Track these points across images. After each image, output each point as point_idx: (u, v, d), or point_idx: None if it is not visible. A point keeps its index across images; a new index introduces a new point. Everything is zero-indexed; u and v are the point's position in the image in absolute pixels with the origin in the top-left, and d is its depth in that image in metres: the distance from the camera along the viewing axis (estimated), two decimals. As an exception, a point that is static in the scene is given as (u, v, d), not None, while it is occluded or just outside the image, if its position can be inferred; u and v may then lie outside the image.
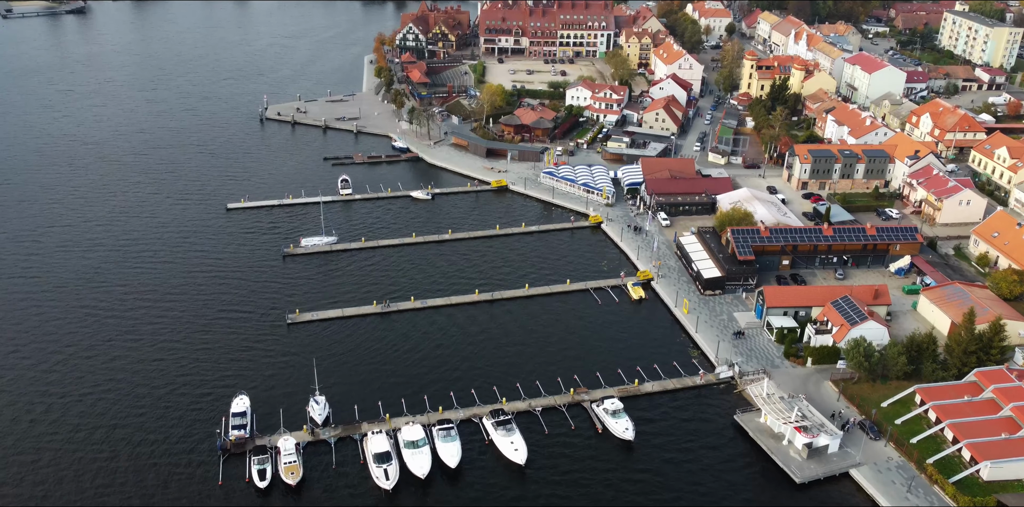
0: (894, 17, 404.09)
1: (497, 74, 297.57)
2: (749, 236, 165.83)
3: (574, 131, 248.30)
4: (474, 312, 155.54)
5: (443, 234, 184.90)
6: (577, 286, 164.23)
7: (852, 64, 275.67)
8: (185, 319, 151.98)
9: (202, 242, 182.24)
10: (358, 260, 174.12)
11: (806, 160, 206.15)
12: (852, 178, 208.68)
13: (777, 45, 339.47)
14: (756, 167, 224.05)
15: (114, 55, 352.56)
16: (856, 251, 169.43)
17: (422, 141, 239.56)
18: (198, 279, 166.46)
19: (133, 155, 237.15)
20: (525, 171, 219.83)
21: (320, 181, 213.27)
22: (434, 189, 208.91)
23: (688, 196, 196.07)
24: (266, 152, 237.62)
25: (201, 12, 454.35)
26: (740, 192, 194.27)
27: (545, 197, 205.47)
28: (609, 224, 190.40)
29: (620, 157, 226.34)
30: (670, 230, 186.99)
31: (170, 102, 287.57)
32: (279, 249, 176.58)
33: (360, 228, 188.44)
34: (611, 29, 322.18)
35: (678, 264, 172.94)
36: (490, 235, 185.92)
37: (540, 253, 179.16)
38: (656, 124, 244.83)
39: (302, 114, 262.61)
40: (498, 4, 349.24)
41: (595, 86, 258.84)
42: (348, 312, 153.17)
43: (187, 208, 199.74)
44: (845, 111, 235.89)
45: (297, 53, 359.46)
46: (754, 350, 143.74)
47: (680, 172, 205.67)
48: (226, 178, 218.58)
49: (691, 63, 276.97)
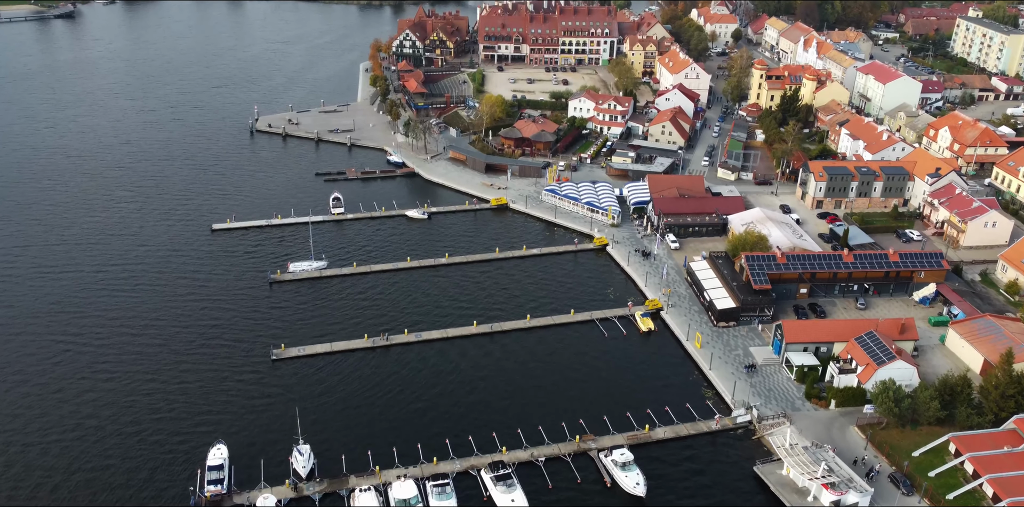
0: (904, 22, 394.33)
1: (497, 83, 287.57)
2: (764, 263, 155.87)
3: (577, 144, 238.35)
4: (472, 346, 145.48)
5: (439, 258, 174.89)
6: (582, 316, 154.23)
7: (865, 74, 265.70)
8: (163, 353, 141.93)
9: (185, 266, 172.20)
10: (349, 287, 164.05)
11: (821, 178, 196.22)
12: (869, 196, 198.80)
13: (785, 52, 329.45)
14: (768, 183, 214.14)
15: (103, 61, 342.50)
16: (878, 279, 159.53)
17: (418, 155, 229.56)
18: (179, 308, 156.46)
19: (117, 169, 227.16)
20: (526, 188, 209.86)
21: (311, 198, 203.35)
22: (430, 208, 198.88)
23: (698, 216, 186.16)
24: (256, 167, 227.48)
25: (195, 15, 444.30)
26: (753, 212, 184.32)
27: (547, 216, 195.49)
28: (615, 246, 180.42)
29: (625, 173, 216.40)
30: (679, 253, 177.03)
31: (158, 112, 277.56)
32: (265, 275, 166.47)
33: (352, 251, 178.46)
34: (614, 36, 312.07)
35: (688, 292, 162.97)
36: (489, 259, 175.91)
37: (542, 279, 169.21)
38: (662, 137, 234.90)
39: (294, 126, 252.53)
40: (498, 10, 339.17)
41: (599, 97, 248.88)
42: (337, 347, 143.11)
43: (171, 228, 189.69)
44: (860, 124, 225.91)
45: (291, 59, 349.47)
46: (772, 390, 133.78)
47: (689, 190, 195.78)
48: (213, 195, 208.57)
49: (698, 72, 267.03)
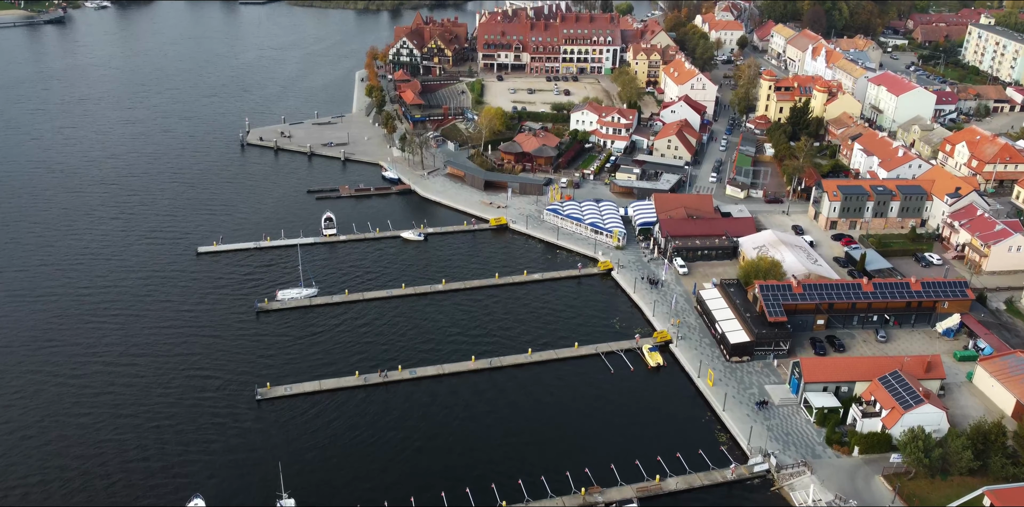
0: (912, 29, 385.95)
1: (496, 93, 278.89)
2: (780, 293, 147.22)
3: (579, 159, 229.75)
4: (470, 384, 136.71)
5: (436, 284, 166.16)
6: (586, 350, 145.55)
7: (877, 85, 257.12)
8: (141, 391, 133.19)
9: (168, 292, 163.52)
10: (340, 317, 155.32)
11: (835, 197, 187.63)
12: (886, 217, 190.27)
13: (793, 60, 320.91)
14: (779, 201, 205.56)
15: (92, 69, 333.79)
16: (899, 309, 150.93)
17: (415, 171, 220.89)
18: (161, 339, 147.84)
19: (102, 185, 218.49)
20: (526, 206, 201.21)
21: (302, 218, 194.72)
22: (427, 228, 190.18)
23: (707, 239, 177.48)
24: (245, 183, 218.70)
25: (188, 20, 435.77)
26: (765, 235, 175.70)
27: (549, 238, 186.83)
28: (620, 271, 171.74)
29: (630, 190, 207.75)
30: (688, 279, 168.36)
31: (147, 123, 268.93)
32: (252, 303, 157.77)
33: (344, 277, 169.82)
34: (617, 44, 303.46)
35: (699, 322, 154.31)
36: (488, 285, 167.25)
37: (544, 307, 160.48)
38: (668, 152, 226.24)
39: (286, 139, 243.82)
40: (497, 16, 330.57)
41: (602, 109, 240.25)
42: (326, 385, 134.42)
43: (155, 250, 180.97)
44: (874, 139, 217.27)
45: (285, 67, 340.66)
46: (791, 434, 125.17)
47: (697, 210, 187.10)
48: (200, 213, 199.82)
49: (704, 83, 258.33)
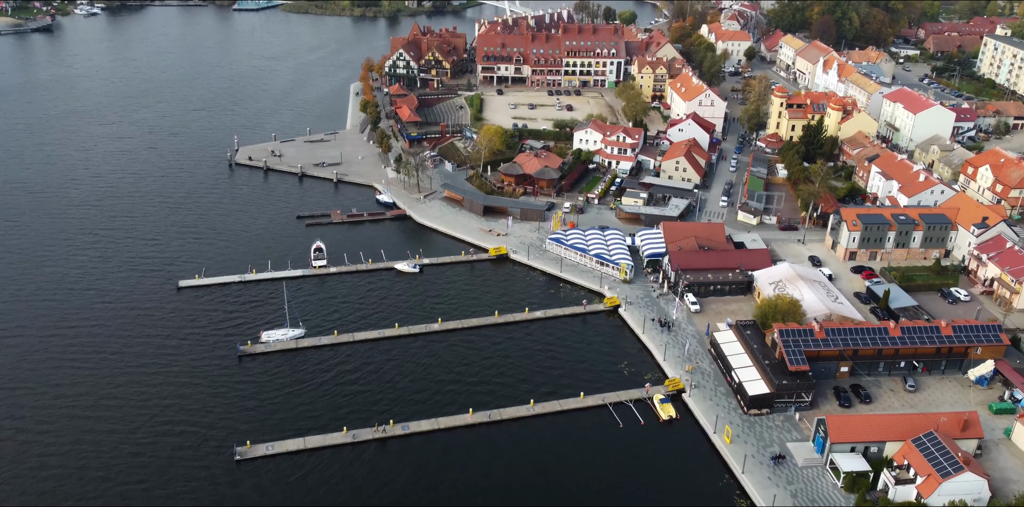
0: (924, 38, 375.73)
1: (496, 108, 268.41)
2: (801, 339, 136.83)
3: (583, 180, 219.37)
4: (468, 441, 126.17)
5: (431, 323, 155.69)
6: (593, 401, 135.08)
7: (893, 101, 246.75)
8: (110, 450, 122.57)
9: (145, 331, 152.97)
10: (328, 362, 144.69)
11: (855, 227, 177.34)
12: (908, 247, 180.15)
13: (803, 73, 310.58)
14: (793, 228, 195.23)
15: (79, 80, 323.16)
16: (929, 355, 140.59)
17: (411, 193, 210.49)
18: (135, 384, 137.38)
19: (84, 207, 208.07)
20: (528, 234, 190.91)
21: (290, 248, 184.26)
22: (422, 259, 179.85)
23: (720, 273, 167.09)
24: (232, 206, 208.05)
25: (180, 28, 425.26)
26: (781, 269, 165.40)
27: (551, 270, 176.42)
28: (628, 308, 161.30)
29: (637, 216, 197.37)
30: (701, 318, 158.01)
31: (134, 139, 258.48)
32: (234, 346, 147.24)
33: (333, 314, 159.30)
34: (621, 57, 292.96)
35: (713, 367, 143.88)
36: (487, 324, 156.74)
37: (547, 350, 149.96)
38: (676, 174, 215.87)
39: (276, 158, 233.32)
40: (497, 26, 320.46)
41: (607, 128, 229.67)
42: (311, 442, 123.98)
43: (135, 282, 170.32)
44: (892, 161, 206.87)
45: (278, 79, 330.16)
46: (816, 500, 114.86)
47: (709, 240, 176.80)
48: (185, 240, 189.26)
49: (713, 99, 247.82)
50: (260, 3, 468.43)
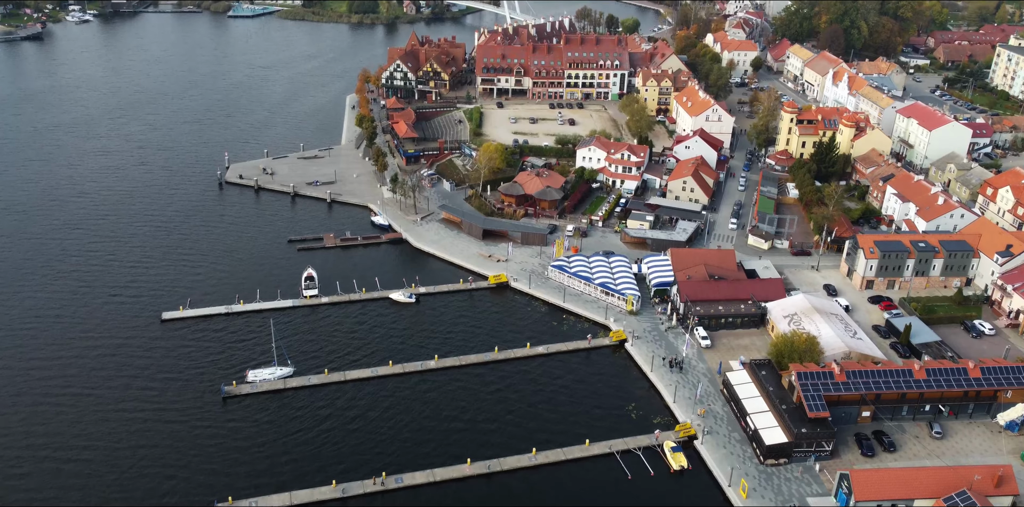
0: (934, 47, 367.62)
1: (496, 122, 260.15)
2: (820, 382, 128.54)
3: (586, 201, 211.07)
4: (466, 495, 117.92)
5: (427, 361, 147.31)
6: (599, 448, 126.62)
7: (907, 117, 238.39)
8: (75, 501, 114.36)
9: (126, 369, 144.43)
10: (317, 404, 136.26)
11: (873, 255, 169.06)
12: (927, 275, 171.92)
13: (811, 84, 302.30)
14: (806, 253, 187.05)
15: (68, 91, 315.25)
16: (955, 398, 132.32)
17: (407, 215, 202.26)
18: (109, 426, 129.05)
19: (66, 229, 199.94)
20: (529, 260, 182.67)
21: (281, 275, 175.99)
22: (418, 287, 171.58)
23: (731, 305, 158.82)
24: (221, 228, 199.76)
25: (174, 35, 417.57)
26: (796, 301, 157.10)
27: (554, 299, 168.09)
28: (635, 343, 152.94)
29: (643, 240, 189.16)
30: (712, 354, 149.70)
31: (122, 154, 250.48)
32: (218, 386, 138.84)
33: (325, 350, 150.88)
34: (625, 68, 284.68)
35: (726, 410, 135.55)
36: (487, 361, 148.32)
37: (550, 390, 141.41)
38: (683, 194, 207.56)
39: (268, 176, 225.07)
40: (497, 36, 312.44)
41: (611, 145, 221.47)
42: (298, 497, 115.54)
43: (117, 314, 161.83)
44: (908, 182, 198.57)
45: (273, 89, 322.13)
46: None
47: (719, 268, 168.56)
48: (171, 265, 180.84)
49: (720, 114, 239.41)
50: (255, 9, 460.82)
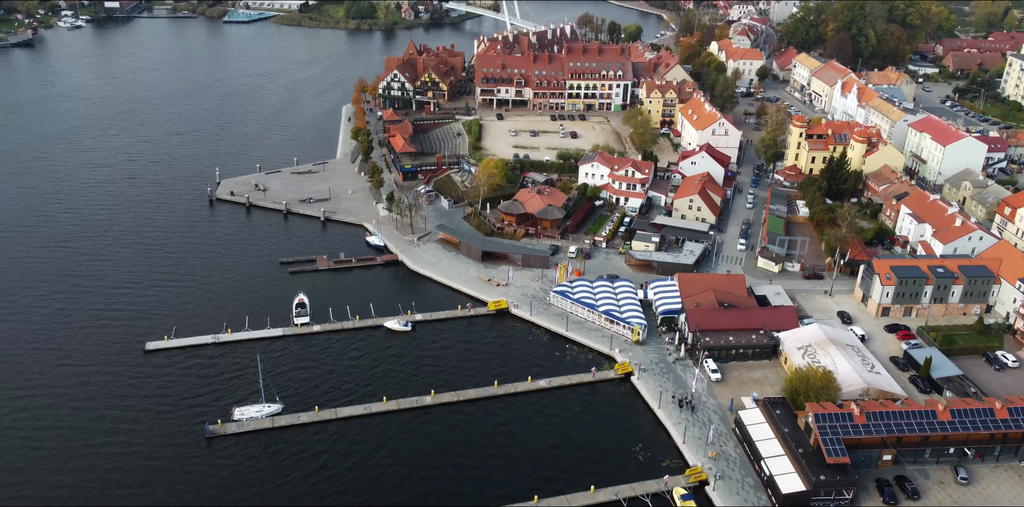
0: (942, 55, 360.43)
1: (496, 135, 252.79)
2: (839, 425, 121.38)
3: (589, 219, 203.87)
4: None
5: (424, 396, 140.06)
6: (604, 496, 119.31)
7: (919, 131, 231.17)
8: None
9: (106, 404, 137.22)
10: (306, 444, 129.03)
11: (889, 281, 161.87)
12: (946, 302, 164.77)
13: (819, 95, 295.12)
14: (818, 277, 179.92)
15: (58, 100, 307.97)
16: (982, 440, 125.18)
17: (403, 235, 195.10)
18: (87, 465, 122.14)
19: (50, 248, 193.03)
20: (530, 283, 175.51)
21: (271, 300, 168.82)
22: (415, 314, 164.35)
23: (742, 335, 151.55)
24: (211, 249, 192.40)
25: (169, 41, 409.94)
26: (810, 331, 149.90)
27: (556, 327, 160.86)
28: (642, 376, 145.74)
29: (649, 263, 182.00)
30: (722, 388, 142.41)
31: (112, 168, 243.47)
32: (203, 425, 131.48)
33: (315, 383, 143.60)
34: (628, 79, 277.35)
35: (738, 451, 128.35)
36: (486, 396, 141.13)
37: (552, 429, 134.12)
38: (690, 213, 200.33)
39: (260, 193, 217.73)
40: (496, 45, 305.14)
41: (614, 161, 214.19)
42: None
43: (99, 343, 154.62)
44: (923, 202, 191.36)
45: (268, 99, 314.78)
46: None
47: (729, 295, 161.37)
48: (157, 289, 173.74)
49: (727, 128, 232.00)
50: (251, 15, 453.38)
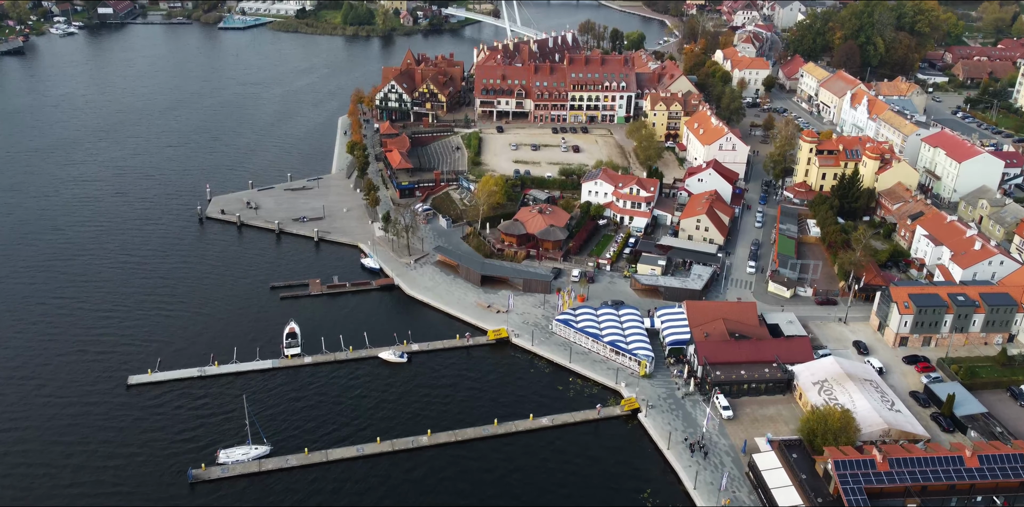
0: (951, 63, 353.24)
1: (496, 149, 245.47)
2: (861, 473, 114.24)
3: (593, 240, 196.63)
4: None
5: (420, 436, 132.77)
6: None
7: (933, 146, 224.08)
8: None
9: (83, 444, 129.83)
10: (294, 488, 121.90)
11: (907, 310, 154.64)
12: (967, 332, 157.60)
13: (827, 106, 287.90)
14: (832, 303, 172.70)
15: (47, 111, 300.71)
16: (1012, 489, 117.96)
17: (400, 257, 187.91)
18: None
19: (34, 270, 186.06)
20: (532, 310, 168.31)
21: (261, 328, 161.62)
22: (411, 344, 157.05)
23: (755, 368, 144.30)
24: (199, 271, 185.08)
25: (163, 48, 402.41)
26: (826, 365, 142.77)
27: (559, 358, 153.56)
28: (650, 413, 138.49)
29: (655, 288, 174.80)
30: (734, 427, 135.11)
31: (101, 182, 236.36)
32: (186, 470, 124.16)
33: (305, 422, 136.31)
34: (632, 90, 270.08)
35: (752, 497, 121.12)
36: (485, 436, 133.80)
37: (555, 471, 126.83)
38: (697, 233, 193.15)
39: (252, 211, 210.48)
40: (496, 54, 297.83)
41: (618, 178, 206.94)
42: None
43: (79, 376, 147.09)
44: (940, 223, 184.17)
45: (263, 109, 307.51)
46: None
47: (739, 323, 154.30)
48: (142, 315, 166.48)
49: (735, 143, 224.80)
50: (247, 21, 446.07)
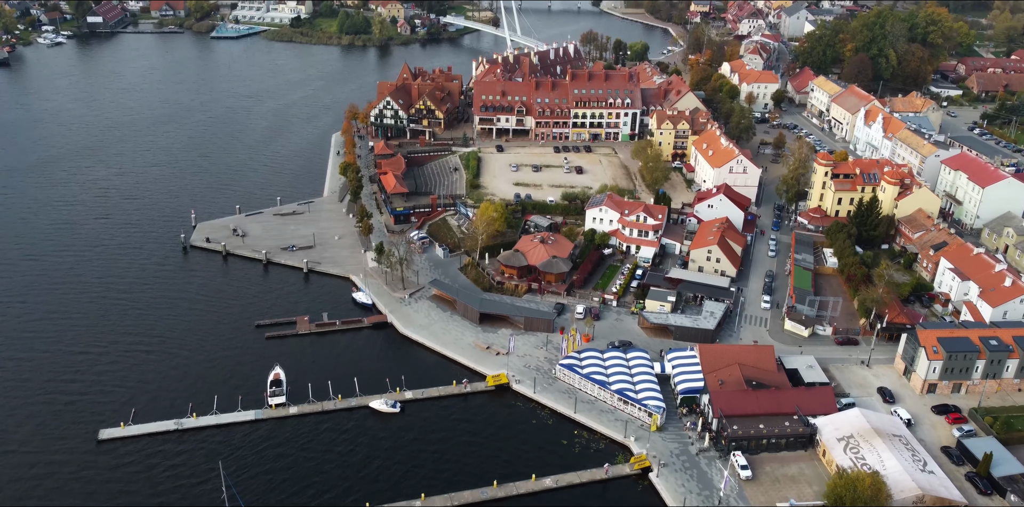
0: (965, 75, 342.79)
1: (495, 170, 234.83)
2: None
3: (598, 271, 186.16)
4: None
5: (413, 500, 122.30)
6: None
7: (954, 169, 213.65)
8: None
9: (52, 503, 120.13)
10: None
11: (936, 355, 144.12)
12: (999, 378, 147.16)
13: (839, 122, 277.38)
14: (853, 342, 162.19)
15: (30, 126, 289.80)
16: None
17: (394, 291, 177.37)
18: None
19: (5, 304, 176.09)
20: (534, 351, 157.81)
21: (244, 372, 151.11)
22: (404, 391, 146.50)
23: (774, 421, 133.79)
24: (180, 307, 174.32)
25: (154, 59, 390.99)
26: (851, 418, 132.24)
27: (563, 408, 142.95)
28: (662, 473, 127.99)
29: (665, 327, 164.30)
30: (754, 489, 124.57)
31: (82, 206, 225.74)
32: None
33: (288, 486, 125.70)
34: (637, 107, 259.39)
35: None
36: (484, 500, 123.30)
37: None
38: (708, 265, 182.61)
39: (239, 239, 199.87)
40: (496, 68, 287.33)
41: (624, 205, 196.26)
42: None
43: (48, 427, 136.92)
44: (966, 256, 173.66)
45: (254, 125, 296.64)
46: None
47: (756, 369, 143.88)
48: (119, 356, 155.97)
49: (745, 165, 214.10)
50: (240, 30, 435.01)
